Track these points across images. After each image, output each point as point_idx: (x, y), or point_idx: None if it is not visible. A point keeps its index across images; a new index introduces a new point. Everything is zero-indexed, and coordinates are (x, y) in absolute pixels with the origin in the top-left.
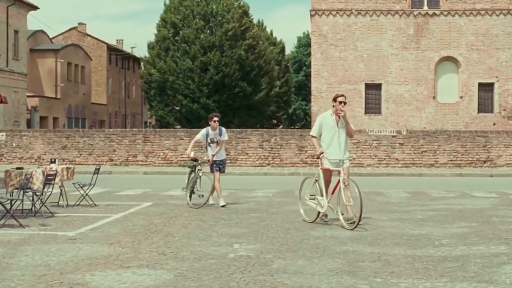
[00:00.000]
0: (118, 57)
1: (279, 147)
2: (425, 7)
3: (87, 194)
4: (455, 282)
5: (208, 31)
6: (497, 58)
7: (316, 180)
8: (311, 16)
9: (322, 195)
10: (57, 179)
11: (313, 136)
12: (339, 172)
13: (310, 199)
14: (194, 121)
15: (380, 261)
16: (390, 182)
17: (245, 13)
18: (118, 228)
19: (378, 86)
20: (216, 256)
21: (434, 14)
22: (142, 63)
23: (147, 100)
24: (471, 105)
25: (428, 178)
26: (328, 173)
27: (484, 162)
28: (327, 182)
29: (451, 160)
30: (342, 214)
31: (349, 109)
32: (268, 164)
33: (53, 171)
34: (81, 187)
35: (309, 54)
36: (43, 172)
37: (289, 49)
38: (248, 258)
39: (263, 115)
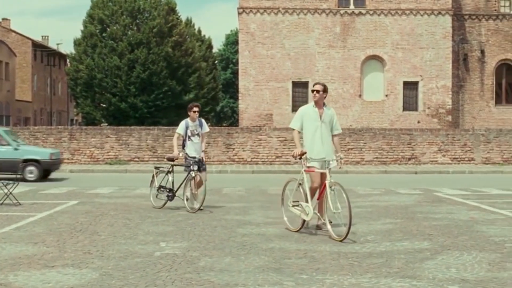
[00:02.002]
0: (44, 53)
1: (206, 144)
2: (352, 6)
3: (10, 193)
4: (379, 277)
5: (136, 28)
6: (422, 57)
7: (300, 184)
8: (239, 14)
9: (306, 201)
10: None
11: (294, 131)
12: (323, 174)
13: (294, 205)
14: (122, 119)
15: (306, 258)
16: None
17: (172, 10)
18: (43, 227)
19: (305, 84)
20: (142, 254)
21: (360, 13)
22: (68, 60)
23: (73, 97)
24: (396, 103)
25: (354, 175)
26: (315, 176)
27: (409, 159)
28: (314, 187)
29: (376, 158)
30: (331, 222)
31: (277, 106)
32: None
33: None
34: (5, 186)
35: (236, 52)
36: None
37: (218, 46)
38: (174, 256)
39: None
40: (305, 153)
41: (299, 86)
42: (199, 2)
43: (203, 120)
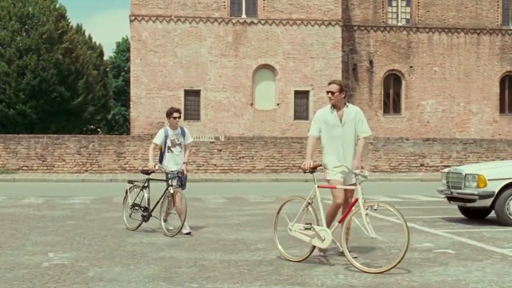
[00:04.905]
0: None
1: (97, 153)
2: (244, 16)
3: None
4: (269, 285)
5: (25, 34)
6: (312, 66)
7: (309, 203)
8: (131, 21)
9: (320, 224)
10: None
11: (309, 137)
12: (348, 190)
13: (306, 228)
14: (10, 126)
15: (197, 267)
16: (209, 188)
17: (62, 16)
18: None
19: (197, 93)
20: (29, 265)
21: (252, 22)
22: None
23: None
24: (288, 112)
25: (246, 183)
26: (339, 191)
27: (300, 167)
28: (337, 204)
29: (268, 166)
30: (351, 252)
31: None
32: (86, 171)
33: None
34: None
35: (128, 60)
36: None
37: (109, 54)
38: (63, 267)
39: (82, 120)
40: (319, 166)
41: (191, 95)
42: (90, 9)
43: (185, 129)
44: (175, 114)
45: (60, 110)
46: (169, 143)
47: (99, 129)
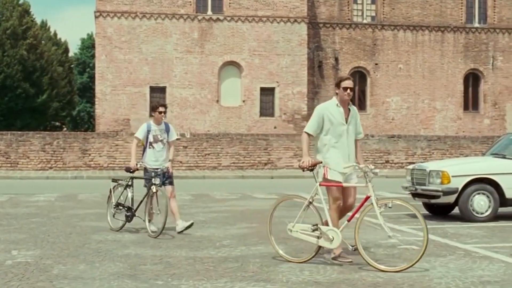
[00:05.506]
0: None
1: (62, 150)
2: (209, 12)
3: None
4: (234, 282)
5: None
6: (278, 63)
7: (311, 202)
8: (96, 17)
9: (325, 224)
10: None
11: (304, 134)
12: (346, 189)
13: (313, 229)
14: None
15: (162, 264)
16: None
17: (26, 12)
18: None
19: (162, 89)
20: None
21: (218, 19)
22: None
23: None
24: (253, 109)
25: (212, 180)
26: (337, 191)
27: (265, 164)
28: (338, 206)
29: (234, 163)
30: (355, 249)
31: (134, 112)
32: (51, 168)
33: None
34: None
35: (93, 56)
36: None
37: (74, 50)
38: (27, 265)
39: (46, 117)
40: (319, 163)
41: (157, 91)
42: (54, 5)
43: (170, 125)
44: (161, 109)
45: (25, 107)
46: (151, 139)
47: (64, 126)
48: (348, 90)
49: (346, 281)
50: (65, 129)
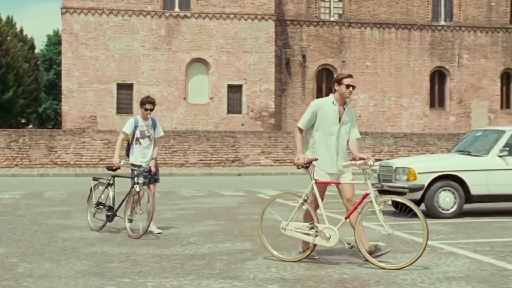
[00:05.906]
0: None
1: (27, 147)
2: (177, 9)
3: None
4: (201, 279)
5: None
6: (245, 61)
7: (305, 200)
8: (62, 14)
9: (320, 222)
10: None
11: (297, 129)
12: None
13: (310, 228)
14: None
15: (129, 261)
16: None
17: None
18: None
19: (129, 86)
20: None
21: (185, 16)
22: None
23: None
24: (221, 106)
25: (179, 177)
26: (322, 193)
27: (233, 161)
28: (317, 206)
29: (201, 160)
30: (353, 248)
31: (101, 109)
32: (16, 165)
33: None
34: None
35: (59, 53)
36: None
37: (41, 47)
38: None
39: (12, 114)
40: (315, 159)
41: (124, 88)
42: (20, 1)
43: (157, 121)
44: (147, 106)
45: None
46: (138, 134)
47: (30, 123)
48: (351, 88)
49: (312, 278)
50: (31, 126)
